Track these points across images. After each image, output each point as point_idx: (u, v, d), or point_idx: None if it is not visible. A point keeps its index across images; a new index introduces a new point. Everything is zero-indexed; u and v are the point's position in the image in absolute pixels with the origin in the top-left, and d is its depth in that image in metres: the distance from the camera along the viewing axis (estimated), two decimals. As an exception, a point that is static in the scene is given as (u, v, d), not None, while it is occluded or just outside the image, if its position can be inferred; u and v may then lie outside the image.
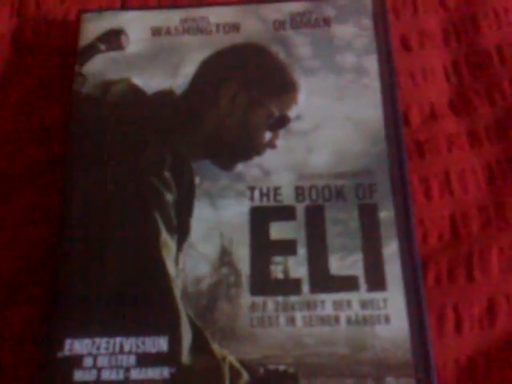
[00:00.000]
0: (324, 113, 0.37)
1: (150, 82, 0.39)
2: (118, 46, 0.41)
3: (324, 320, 0.31)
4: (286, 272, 0.33)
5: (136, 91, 0.39)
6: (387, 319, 0.31)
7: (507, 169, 0.37)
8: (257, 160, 0.36)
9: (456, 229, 0.36)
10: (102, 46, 0.41)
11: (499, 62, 0.40)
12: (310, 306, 0.32)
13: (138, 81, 0.39)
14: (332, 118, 0.37)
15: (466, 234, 0.35)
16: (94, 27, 0.41)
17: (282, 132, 0.37)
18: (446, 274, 0.34)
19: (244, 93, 0.38)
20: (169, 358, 0.30)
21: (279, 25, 0.40)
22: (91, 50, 0.41)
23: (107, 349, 0.31)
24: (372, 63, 0.39)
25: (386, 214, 0.34)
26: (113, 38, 0.41)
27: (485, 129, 0.38)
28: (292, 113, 0.37)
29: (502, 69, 0.40)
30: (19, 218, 0.37)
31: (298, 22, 0.40)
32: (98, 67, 0.40)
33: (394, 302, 0.31)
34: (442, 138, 0.38)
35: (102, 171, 0.36)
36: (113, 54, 0.40)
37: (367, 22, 0.40)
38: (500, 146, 0.38)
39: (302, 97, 0.38)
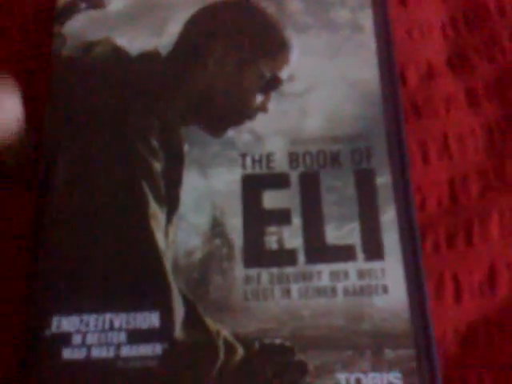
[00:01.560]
0: (317, 73, 0.35)
1: (134, 42, 0.37)
2: (99, 4, 0.39)
3: (320, 291, 0.30)
4: (280, 242, 0.32)
5: (119, 52, 0.37)
6: (385, 289, 0.30)
7: (507, 128, 0.36)
8: (248, 125, 0.35)
9: (455, 194, 0.35)
10: (82, 4, 0.39)
11: (499, 17, 0.38)
12: (305, 277, 0.31)
13: (121, 41, 0.37)
14: (326, 78, 0.35)
15: (465, 199, 0.34)
16: (72, -16, 0.38)
17: (273, 94, 0.35)
18: (444, 241, 0.33)
19: (232, 53, 0.36)
20: (161, 333, 0.29)
21: (268, -21, 0.38)
22: (70, 8, 0.38)
23: (96, 326, 0.30)
24: (367, 19, 0.37)
25: (384, 179, 0.32)
26: (93, -5, 0.39)
27: (484, 87, 0.37)
28: (284, 74, 0.36)
29: (501, 24, 0.38)
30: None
31: (289, -25, 0.38)
32: (78, 27, 0.38)
33: (391, 271, 0.30)
34: (439, 99, 0.37)
35: (84, 138, 0.34)
36: (93, 13, 0.38)
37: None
38: (499, 105, 0.36)
39: (294, 56, 0.36)
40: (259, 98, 0.35)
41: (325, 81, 0.35)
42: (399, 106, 0.34)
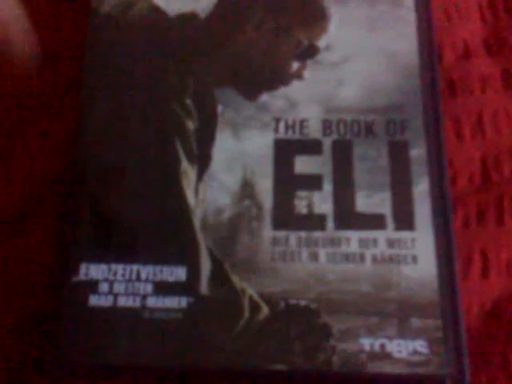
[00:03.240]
0: (355, 44, 0.35)
1: (173, 3, 0.37)
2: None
3: (349, 257, 0.30)
4: (310, 207, 0.31)
5: (158, 12, 0.37)
6: (414, 259, 0.30)
7: None
8: (283, 91, 0.34)
9: (487, 172, 0.34)
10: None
11: None
12: (334, 242, 0.31)
13: (159, 1, 0.37)
14: (364, 49, 0.35)
15: (496, 178, 0.34)
16: None
17: (310, 63, 0.35)
18: (474, 218, 0.33)
19: (271, 19, 0.36)
20: (187, 287, 0.29)
21: (309, -51, 0.37)
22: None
23: (124, 275, 0.30)
24: (407, -6, 0.36)
25: (418, 151, 0.32)
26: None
27: None
28: (321, 43, 0.35)
29: None
30: (33, 147, 0.35)
31: None
32: (118, -15, 0.37)
33: (422, 241, 0.30)
34: (475, 78, 0.37)
35: (120, 95, 0.34)
36: (133, -28, 0.38)
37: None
38: None
39: (332, 26, 0.36)
40: (295, 65, 0.35)
41: (362, 52, 0.35)
42: (436, 80, 0.34)
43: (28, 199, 0.34)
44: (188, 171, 0.32)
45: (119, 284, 0.30)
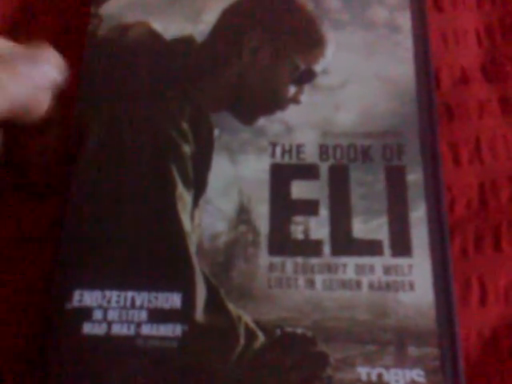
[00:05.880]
0: (352, 69, 0.35)
1: (170, 27, 0.37)
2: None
3: (345, 284, 0.30)
4: (306, 233, 0.31)
5: (154, 36, 0.37)
6: (411, 286, 0.30)
7: None
8: (279, 115, 0.34)
9: (484, 198, 0.34)
10: (120, -13, 0.39)
11: None
12: (330, 268, 0.30)
13: (156, 25, 0.37)
14: (361, 74, 0.35)
15: (494, 204, 0.34)
16: (110, -33, 0.38)
17: (307, 87, 0.35)
18: (472, 244, 0.33)
19: (268, 44, 0.36)
20: (182, 314, 0.29)
21: (307, -26, 0.38)
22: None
23: (118, 302, 0.29)
24: (405, 20, 0.36)
25: (415, 176, 0.32)
26: (131, -21, 0.39)
27: None
28: (318, 67, 0.35)
29: None
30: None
31: (328, -28, 0.38)
32: (115, 9, 0.38)
33: (419, 268, 0.30)
34: (472, 104, 0.37)
35: (116, 119, 0.34)
36: (130, -4, 0.38)
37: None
38: None
39: (329, 51, 0.36)
40: (292, 90, 0.35)
41: (359, 76, 0.35)
42: (433, 105, 0.34)
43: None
44: (184, 196, 0.32)
45: (113, 311, 0.29)
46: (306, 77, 0.35)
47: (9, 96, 0.28)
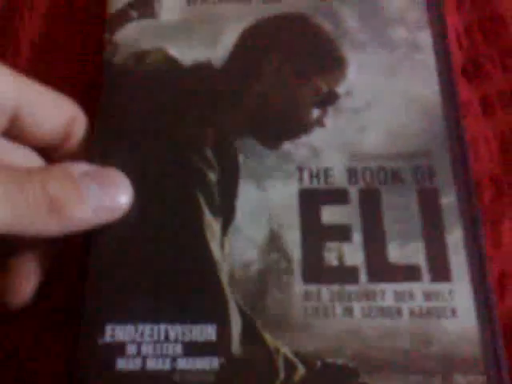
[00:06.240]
0: (376, 90, 0.35)
1: (187, 53, 0.36)
2: (152, 14, 0.38)
3: (385, 312, 0.29)
4: (340, 259, 0.30)
5: (172, 62, 0.36)
6: (454, 312, 0.29)
7: None
8: (305, 139, 0.34)
9: None
10: (134, 13, 0.38)
11: None
12: (368, 296, 0.29)
13: (173, 51, 0.36)
14: (384, 95, 0.35)
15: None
16: (123, -7, 0.38)
17: (331, 109, 0.34)
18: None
19: (288, 66, 0.35)
20: (218, 347, 0.28)
21: (324, -5, 0.37)
22: (122, 16, 0.38)
23: (151, 336, 0.28)
24: (426, 38, 0.36)
25: (448, 199, 0.31)
26: (145, 5, 0.38)
27: (498, 96, 0.37)
28: (341, 89, 0.35)
29: None
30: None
31: (344, -7, 0.38)
32: (130, 36, 0.37)
33: (460, 293, 0.29)
34: None
35: (137, 148, 0.33)
36: (145, 22, 0.38)
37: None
38: None
39: (351, 72, 0.35)
40: (316, 113, 0.34)
41: (383, 97, 0.34)
42: (461, 124, 0.33)
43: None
44: (212, 224, 0.31)
45: (147, 345, 0.28)
46: (328, 99, 0.35)
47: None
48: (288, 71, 0.35)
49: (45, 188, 0.28)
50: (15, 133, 0.32)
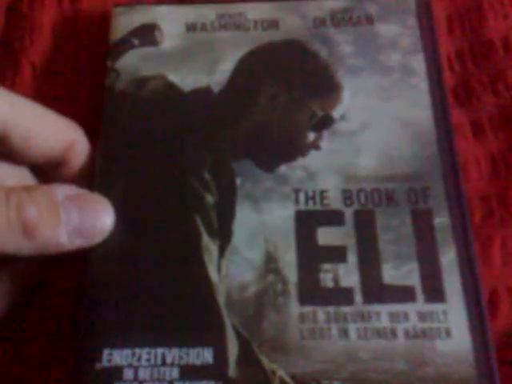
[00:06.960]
0: (370, 113, 0.35)
1: (187, 79, 0.37)
2: (153, 42, 0.39)
3: (380, 333, 0.29)
4: (336, 280, 0.31)
5: (172, 88, 0.37)
6: (448, 333, 0.29)
7: (511, 160, 0.36)
8: (301, 161, 0.34)
9: None
10: (136, 41, 0.39)
11: (504, 52, 0.39)
12: (364, 317, 0.30)
13: (173, 77, 0.37)
14: (379, 118, 0.35)
15: None
16: (126, 21, 0.39)
17: (326, 133, 0.35)
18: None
19: (284, 91, 0.36)
20: (214, 370, 0.28)
21: (319, 22, 0.38)
22: (124, 44, 0.39)
23: (149, 360, 0.29)
24: (419, 63, 0.37)
25: (442, 220, 0.32)
26: (147, 33, 0.39)
27: (488, 119, 0.37)
28: (336, 113, 0.36)
29: (506, 59, 0.39)
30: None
31: (339, 19, 0.38)
32: (132, 63, 0.38)
33: (454, 313, 0.29)
34: None
35: (137, 171, 0.34)
36: (147, 50, 0.39)
37: (411, 20, 0.38)
38: (504, 137, 0.37)
39: (346, 97, 0.36)
40: (312, 136, 0.35)
41: (378, 121, 0.35)
42: (454, 146, 0.34)
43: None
44: (209, 246, 0.32)
45: (144, 370, 0.29)
46: (323, 123, 0.35)
47: None
48: (284, 96, 0.36)
49: (19, 210, 0.27)
50: (3, 151, 0.31)
